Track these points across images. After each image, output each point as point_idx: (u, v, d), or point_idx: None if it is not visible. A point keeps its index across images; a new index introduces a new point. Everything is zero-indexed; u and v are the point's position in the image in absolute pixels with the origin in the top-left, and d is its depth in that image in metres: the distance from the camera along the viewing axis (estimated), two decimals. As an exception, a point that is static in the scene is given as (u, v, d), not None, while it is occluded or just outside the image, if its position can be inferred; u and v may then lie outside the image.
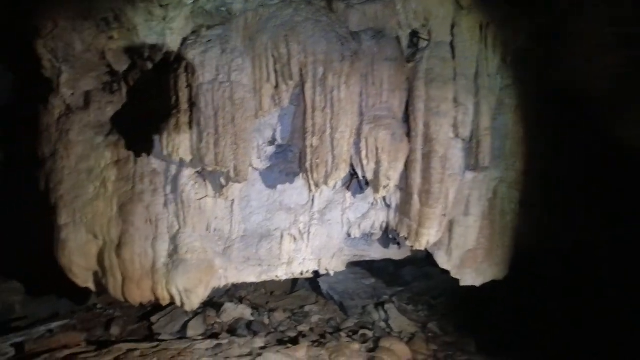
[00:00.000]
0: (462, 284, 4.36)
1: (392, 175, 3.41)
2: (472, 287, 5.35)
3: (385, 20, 3.72)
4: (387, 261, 6.80)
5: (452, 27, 3.84)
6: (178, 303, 3.96)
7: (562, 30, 4.19)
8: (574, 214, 5.06)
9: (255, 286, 6.78)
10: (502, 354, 5.15)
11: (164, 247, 3.87)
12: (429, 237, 3.83)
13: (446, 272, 4.70)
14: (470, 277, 4.31)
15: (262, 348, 4.76)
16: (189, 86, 3.44)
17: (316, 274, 6.28)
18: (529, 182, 4.38)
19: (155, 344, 4.89)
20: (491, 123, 3.92)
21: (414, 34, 3.82)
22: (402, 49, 3.76)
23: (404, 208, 3.92)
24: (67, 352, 4.42)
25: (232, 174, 3.37)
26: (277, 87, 3.43)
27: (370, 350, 4.87)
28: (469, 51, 3.80)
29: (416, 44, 3.85)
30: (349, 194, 4.14)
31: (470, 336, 5.54)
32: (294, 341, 5.08)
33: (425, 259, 6.38)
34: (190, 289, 3.84)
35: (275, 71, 3.42)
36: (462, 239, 4.12)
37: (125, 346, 4.77)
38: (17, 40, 4.29)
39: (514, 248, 4.41)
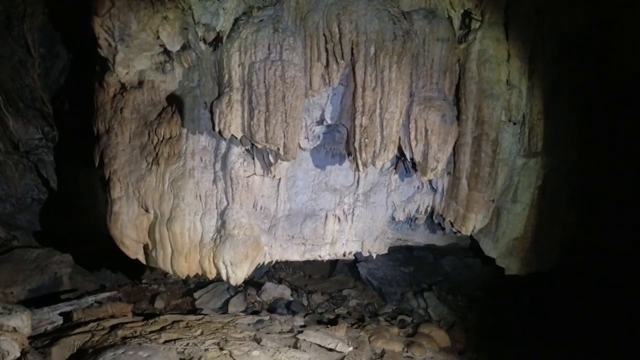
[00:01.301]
0: (507, 272, 4.28)
1: (440, 158, 3.37)
2: (515, 281, 5.25)
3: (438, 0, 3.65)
4: (427, 250, 6.75)
5: (507, 7, 3.72)
6: (224, 277, 4.06)
7: (623, 16, 4.00)
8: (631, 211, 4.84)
9: (294, 269, 6.88)
10: (539, 348, 5.03)
11: (212, 222, 3.97)
12: (475, 222, 3.77)
13: (487, 264, 4.61)
14: (515, 266, 4.22)
15: (302, 326, 4.84)
16: (242, 65, 3.50)
17: (355, 259, 6.33)
18: (583, 174, 4.24)
19: (200, 316, 5.02)
20: (545, 108, 3.80)
21: (467, 14, 3.74)
22: (454, 29, 3.68)
23: (451, 192, 3.87)
24: (114, 321, 4.57)
25: (281, 152, 3.41)
26: (327, 66, 3.44)
27: (409, 335, 4.87)
28: (524, 33, 3.68)
29: (468, 25, 3.76)
30: (394, 177, 4.11)
31: (509, 329, 5.44)
32: (333, 322, 5.13)
33: (465, 250, 6.28)
34: (236, 264, 3.93)
35: (327, 50, 3.43)
36: (509, 227, 4.03)
37: (170, 317, 4.91)
38: (76, 21, 4.46)
39: (562, 241, 4.28)
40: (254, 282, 6.26)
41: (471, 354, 4.86)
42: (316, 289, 6.34)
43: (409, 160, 3.57)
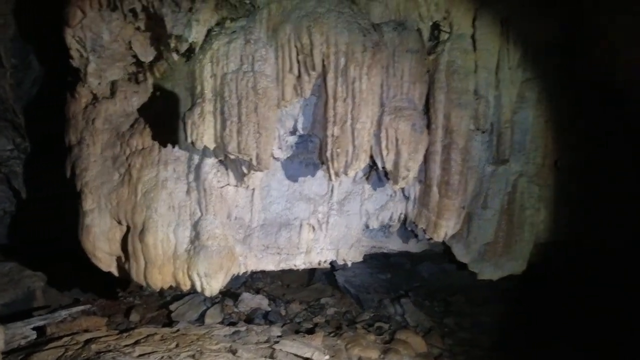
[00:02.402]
0: (479, 277, 4.36)
1: (411, 167, 3.44)
2: (489, 285, 5.36)
3: (407, 12, 3.75)
4: (404, 257, 6.82)
5: (474, 19, 3.84)
6: (198, 288, 4.03)
7: (588, 23, 4.16)
8: (600, 210, 5.00)
9: (272, 278, 6.87)
10: (517, 351, 5.13)
11: (186, 234, 3.95)
12: (447, 229, 3.85)
13: (463, 269, 4.70)
14: (488, 271, 4.31)
15: (279, 336, 4.84)
16: (214, 76, 3.51)
17: (333, 267, 6.36)
18: (550, 177, 4.37)
19: (175, 329, 4.99)
20: (512, 116, 3.92)
21: (436, 27, 3.83)
22: (424, 41, 3.77)
23: (422, 199, 3.94)
24: (88, 335, 4.54)
25: (254, 162, 3.43)
26: (299, 77, 3.48)
27: (386, 342, 4.92)
28: (491, 44, 3.80)
29: (437, 37, 3.86)
30: (368, 185, 4.17)
31: (486, 333, 5.54)
32: (311, 331, 5.14)
33: (442, 256, 6.37)
34: (211, 275, 3.92)
35: (298, 61, 3.47)
36: (481, 232, 4.13)
37: (145, 330, 4.87)
38: (48, 31, 4.43)
39: (532, 243, 4.39)
40: (231, 293, 6.24)
41: (447, 359, 4.93)
42: (294, 298, 6.34)
43: (381, 169, 3.63)
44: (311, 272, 6.78)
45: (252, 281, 6.62)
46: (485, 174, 4.02)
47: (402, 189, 4.11)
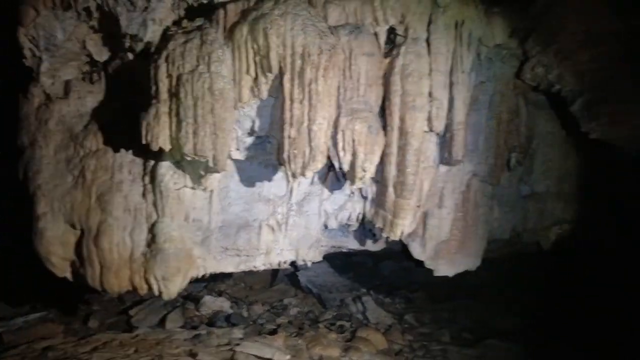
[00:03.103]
0: (435, 274, 4.48)
1: (367, 167, 3.50)
2: (449, 281, 5.52)
3: (364, 16, 3.80)
4: (366, 256, 6.92)
5: (429, 24, 3.94)
6: (156, 292, 3.98)
7: (537, 28, 4.35)
8: (548, 206, 5.25)
9: (235, 280, 6.83)
10: (476, 344, 5.30)
11: (142, 237, 3.89)
12: (403, 228, 3.93)
13: (423, 266, 4.82)
14: (443, 268, 4.43)
15: (241, 338, 4.83)
16: (169, 76, 3.48)
17: (295, 267, 6.38)
18: (502, 176, 4.54)
19: (134, 334, 4.92)
20: (465, 118, 4.04)
21: (391, 30, 3.91)
22: (380, 44, 3.84)
23: (379, 199, 4.02)
24: (45, 343, 4.46)
25: (211, 164, 3.41)
26: (256, 78, 3.48)
27: (347, 340, 4.98)
28: (444, 48, 3.90)
29: (393, 40, 3.94)
30: (326, 186, 4.23)
31: (445, 327, 5.69)
32: (273, 333, 5.15)
33: (403, 254, 6.51)
34: (168, 278, 3.87)
35: (255, 63, 3.47)
36: (436, 230, 4.24)
37: (103, 337, 4.79)
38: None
39: (486, 240, 4.55)
40: (192, 297, 6.17)
41: (407, 354, 5.03)
42: (257, 300, 6.33)
43: (339, 169, 3.68)
44: (274, 273, 6.78)
45: (214, 283, 6.55)
46: (440, 173, 4.13)
47: (360, 189, 4.18)
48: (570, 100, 4.53)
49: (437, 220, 4.22)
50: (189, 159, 3.47)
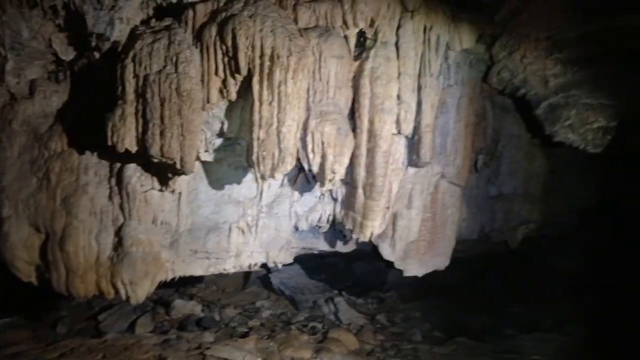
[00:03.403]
0: (405, 274, 4.55)
1: (337, 169, 3.51)
2: (421, 280, 5.61)
3: (334, 19, 3.82)
4: (338, 257, 6.96)
5: (398, 28, 4.00)
6: (123, 296, 3.91)
7: (503, 34, 4.46)
8: (515, 207, 5.40)
9: (207, 283, 6.77)
10: (446, 342, 5.40)
11: (108, 240, 3.82)
12: (372, 229, 3.97)
13: (394, 267, 4.88)
14: (413, 268, 4.49)
15: (212, 342, 4.79)
16: (136, 77, 3.42)
17: (268, 269, 6.37)
18: (469, 178, 4.63)
19: (102, 340, 4.86)
20: (433, 121, 4.11)
21: (361, 34, 3.95)
22: (350, 47, 3.87)
23: (349, 201, 4.05)
24: (13, 349, 4.41)
25: (178, 166, 3.37)
26: (225, 80, 3.46)
27: (319, 342, 5.00)
28: (413, 52, 3.96)
29: (363, 43, 3.98)
30: (296, 188, 4.23)
31: (416, 326, 5.78)
32: (245, 336, 5.12)
33: (374, 254, 6.57)
34: (136, 282, 3.81)
35: (224, 64, 3.45)
36: (405, 231, 4.30)
37: (71, 343, 4.74)
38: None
39: (454, 240, 4.63)
40: (163, 301, 6.08)
41: (379, 354, 5.08)
42: (229, 303, 6.29)
43: (308, 171, 3.69)
44: (246, 276, 6.75)
45: (185, 287, 6.48)
46: (409, 175, 4.19)
47: (330, 191, 4.21)
48: (535, 104, 4.67)
49: (406, 221, 4.28)
50: (155, 160, 3.41)
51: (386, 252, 4.42)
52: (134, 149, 3.39)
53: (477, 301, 6.41)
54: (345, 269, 7.17)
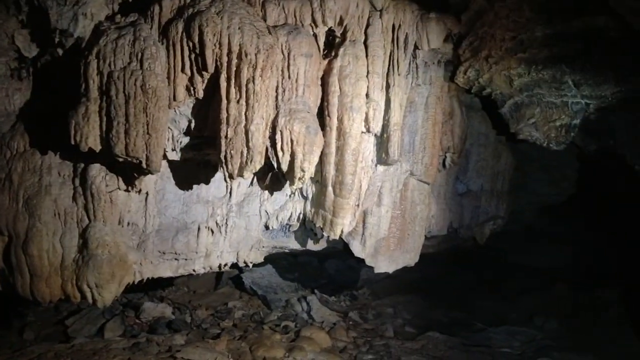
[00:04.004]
0: (376, 271, 4.59)
1: (306, 167, 3.50)
2: (393, 277, 5.67)
3: (303, 17, 3.81)
4: (311, 255, 6.96)
5: (367, 27, 4.02)
6: (89, 300, 3.82)
7: (470, 34, 4.54)
8: (483, 203, 5.51)
9: (177, 285, 6.68)
10: (418, 337, 5.48)
11: (73, 242, 3.73)
12: (343, 227, 3.99)
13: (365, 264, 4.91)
14: (383, 265, 4.54)
15: (182, 345, 4.72)
16: (100, 74, 3.35)
17: (240, 269, 6.32)
18: (437, 175, 4.71)
19: (70, 345, 4.77)
20: (401, 119, 4.16)
21: (330, 32, 3.96)
22: (319, 45, 3.87)
23: (319, 199, 4.05)
24: None
25: (143, 165, 3.31)
26: (191, 77, 3.41)
27: (292, 340, 4.99)
28: (381, 50, 4.00)
29: (332, 42, 3.99)
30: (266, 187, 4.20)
31: (388, 322, 5.84)
32: (217, 337, 5.07)
33: (347, 252, 6.60)
34: (102, 285, 3.72)
35: (190, 61, 3.40)
36: (375, 228, 4.34)
37: (38, 348, 4.64)
38: None
39: (424, 236, 4.70)
40: (132, 304, 5.97)
41: (352, 351, 5.11)
42: (200, 304, 6.21)
43: (278, 170, 3.67)
44: (218, 277, 6.69)
45: (155, 290, 6.37)
46: (378, 173, 4.23)
47: (301, 189, 4.20)
48: (500, 102, 4.78)
49: (376, 218, 4.33)
50: (121, 160, 3.34)
51: (357, 250, 4.45)
52: (97, 148, 3.32)
53: (447, 296, 6.52)
54: (318, 267, 7.18)
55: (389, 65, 4.12)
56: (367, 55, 3.97)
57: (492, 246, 6.13)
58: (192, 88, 3.44)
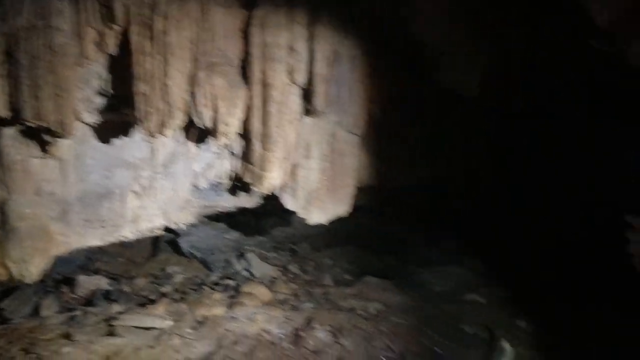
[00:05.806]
0: (309, 222, 4.69)
1: (230, 122, 3.48)
2: (330, 230, 5.82)
3: (218, -37, 3.66)
4: (249, 213, 6.94)
5: (289, -27, 3.92)
6: (16, 276, 3.66)
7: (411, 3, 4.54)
8: (412, 154, 5.71)
9: (112, 256, 6.44)
10: (354, 283, 5.72)
11: (-8, 218, 3.52)
12: (272, 180, 4.02)
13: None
14: (316, 216, 4.64)
15: (120, 313, 4.64)
16: (4, 35, 3.08)
17: (176, 234, 6.23)
18: (366, 127, 4.81)
19: (4, 326, 4.54)
20: (327, 71, 4.15)
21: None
22: (237, -4, 3.75)
23: (246, 154, 4.04)
24: None
25: (56, 129, 3.13)
26: (101, 32, 3.22)
27: (232, 297, 5.04)
28: None
29: (252, -10, 3.87)
30: (192, 144, 4.12)
31: (327, 272, 6.04)
32: (155, 303, 5.02)
33: (284, 208, 6.66)
34: (27, 260, 3.57)
35: (101, 14, 3.20)
36: (306, 181, 4.40)
37: None
38: None
39: (355, 187, 4.84)
40: (67, 279, 5.73)
41: (292, 302, 5.25)
42: (138, 273, 6.05)
43: (202, 126, 3.60)
44: (155, 243, 6.55)
45: (88, 262, 6.14)
46: (305, 125, 4.25)
47: (228, 146, 4.16)
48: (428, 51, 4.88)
49: (305, 170, 4.38)
50: (31, 125, 3.14)
51: (289, 202, 4.52)
52: (5, 114, 3.09)
53: (383, 245, 6.80)
54: (257, 224, 7.19)
55: (313, 15, 4.06)
56: (289, 5, 3.89)
57: (427, 194, 6.43)
58: (102, 43, 3.25)
